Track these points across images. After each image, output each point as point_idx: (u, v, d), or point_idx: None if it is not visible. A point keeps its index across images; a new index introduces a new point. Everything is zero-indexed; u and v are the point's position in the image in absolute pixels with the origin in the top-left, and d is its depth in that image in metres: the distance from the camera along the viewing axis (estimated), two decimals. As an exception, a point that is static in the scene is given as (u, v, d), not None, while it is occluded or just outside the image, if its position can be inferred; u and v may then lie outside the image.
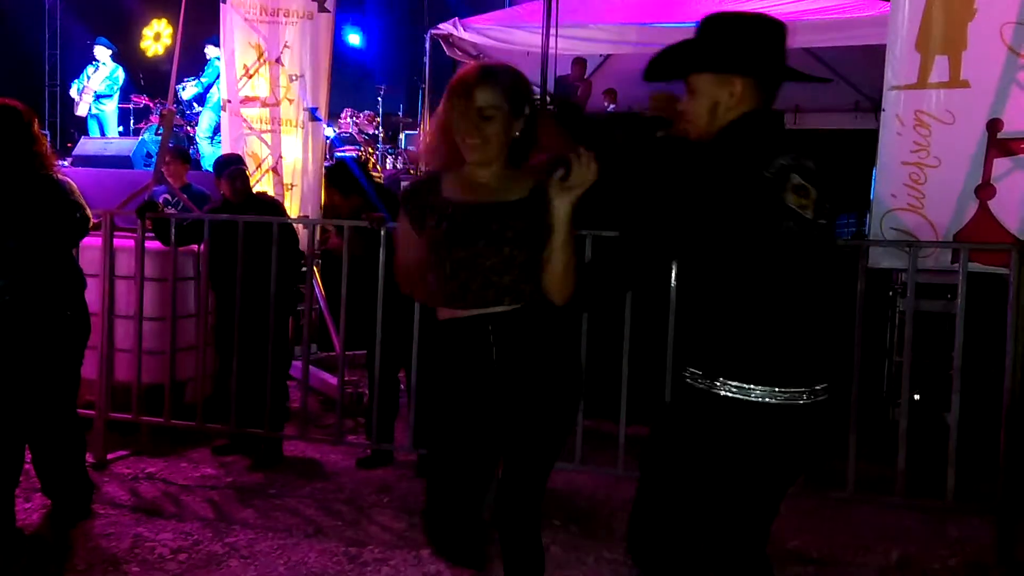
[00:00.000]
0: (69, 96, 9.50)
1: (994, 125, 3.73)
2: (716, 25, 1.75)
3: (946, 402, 3.22)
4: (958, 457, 3.11)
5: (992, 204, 3.73)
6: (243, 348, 3.86)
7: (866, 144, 4.02)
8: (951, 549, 3.17)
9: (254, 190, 4.44)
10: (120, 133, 9.20)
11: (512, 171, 1.92)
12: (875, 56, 4.21)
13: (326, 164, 5.63)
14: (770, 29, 1.74)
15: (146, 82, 10.34)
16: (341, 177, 4.13)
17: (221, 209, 4.10)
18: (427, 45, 7.43)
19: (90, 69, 9.08)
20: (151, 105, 9.24)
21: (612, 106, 8.40)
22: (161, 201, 5.12)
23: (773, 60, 1.74)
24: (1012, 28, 3.69)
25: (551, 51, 6.23)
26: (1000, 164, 3.73)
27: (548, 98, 6.45)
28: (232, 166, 4.16)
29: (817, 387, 1.69)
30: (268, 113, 5.61)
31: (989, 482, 3.14)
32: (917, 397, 3.70)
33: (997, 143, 3.73)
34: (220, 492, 3.61)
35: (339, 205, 4.02)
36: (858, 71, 6.94)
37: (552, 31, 6.20)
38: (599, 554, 3.06)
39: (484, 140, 1.85)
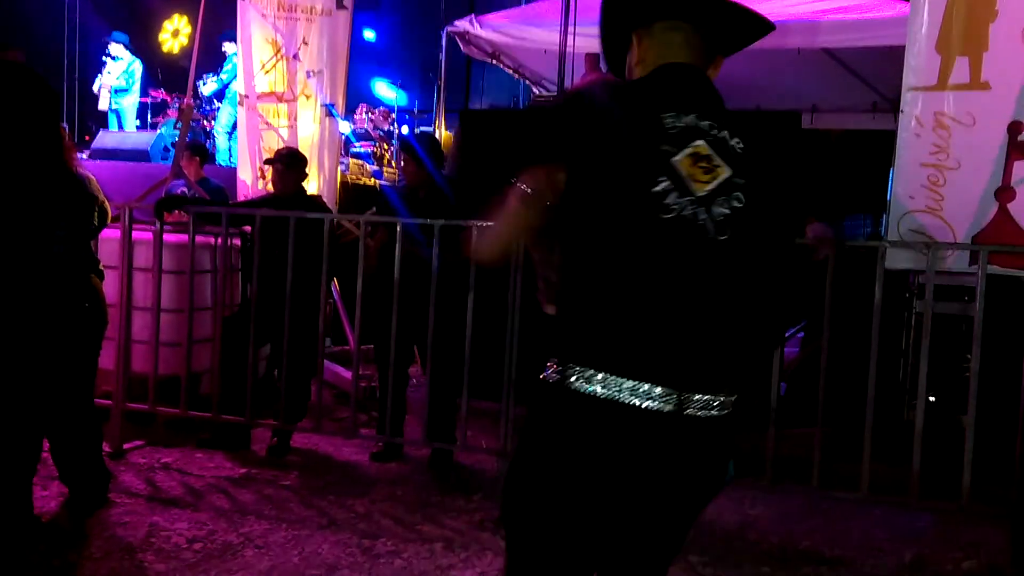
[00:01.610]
0: (88, 90, 9.58)
1: (1015, 128, 3.69)
2: None
3: (962, 404, 3.21)
4: (974, 460, 3.09)
5: (1012, 207, 3.70)
6: (274, 341, 3.90)
7: (884, 145, 4.00)
8: (965, 552, 3.15)
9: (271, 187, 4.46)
10: (138, 127, 9.27)
11: None
12: (894, 57, 4.18)
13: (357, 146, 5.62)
14: None
15: (164, 77, 10.40)
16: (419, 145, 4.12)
17: (268, 203, 4.14)
18: (443, 42, 7.43)
19: (109, 64, 9.16)
20: (168, 100, 9.31)
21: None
22: (179, 194, 5.16)
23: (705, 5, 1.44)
24: (1034, 29, 3.66)
25: (568, 49, 6.22)
26: (1021, 167, 3.70)
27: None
28: (281, 160, 4.19)
29: (696, 396, 1.34)
30: (285, 109, 5.65)
31: (1003, 485, 3.12)
32: (932, 399, 3.69)
33: (1018, 146, 3.70)
34: (235, 483, 3.64)
35: (414, 173, 4.03)
36: (876, 72, 6.89)
37: (570, 29, 6.20)
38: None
39: None
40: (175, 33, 11.74)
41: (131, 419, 4.03)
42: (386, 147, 8.38)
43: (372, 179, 7.63)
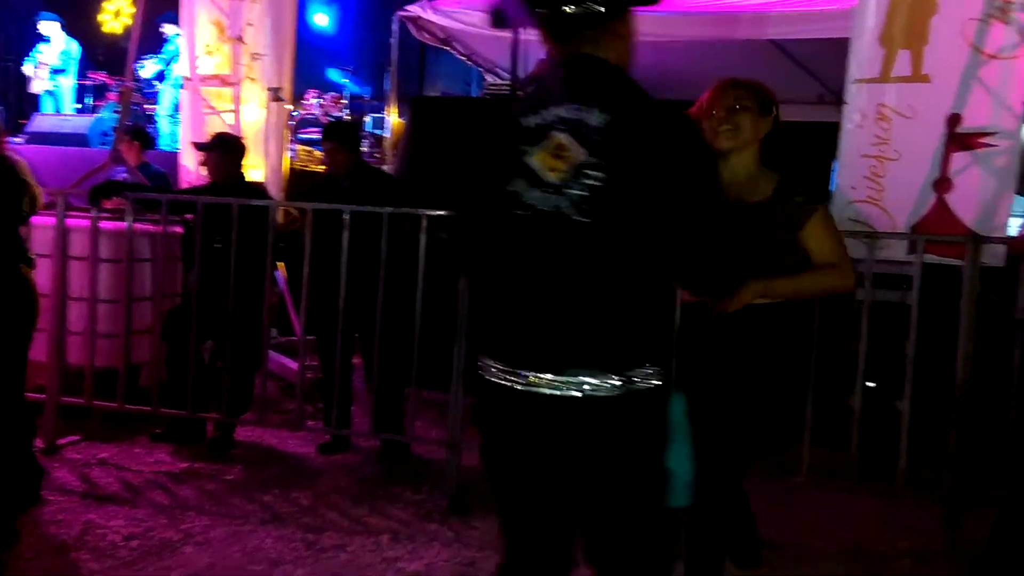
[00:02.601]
0: (21, 72, 9.21)
1: (954, 120, 3.78)
2: None
3: (899, 390, 3.29)
4: (910, 444, 3.17)
5: (949, 198, 3.79)
6: (217, 333, 3.81)
7: (829, 136, 4.06)
8: (901, 533, 3.24)
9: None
10: (76, 110, 8.96)
11: (761, 171, 2.12)
12: (840, 49, 4.24)
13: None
14: None
15: (104, 59, 10.06)
16: (347, 134, 4.07)
17: (208, 191, 4.02)
18: (395, 27, 7.32)
19: (42, 45, 8.82)
20: (109, 82, 9.00)
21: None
22: (119, 180, 4.99)
23: None
24: (975, 25, 3.75)
25: (522, 36, 6.18)
26: (958, 159, 3.80)
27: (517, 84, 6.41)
28: (217, 146, 4.06)
29: (535, 374, 1.43)
30: (230, 92, 5.49)
31: (938, 469, 3.22)
32: (872, 385, 3.77)
33: (956, 138, 3.79)
34: (175, 478, 3.54)
35: (342, 162, 3.98)
36: (823, 64, 6.99)
37: (521, 16, 6.15)
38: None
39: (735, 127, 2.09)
40: (116, 14, 11.36)
41: (66, 413, 3.90)
42: (336, 133, 8.23)
43: (322, 166, 7.49)
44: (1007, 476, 2.94)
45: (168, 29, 8.01)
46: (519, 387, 1.44)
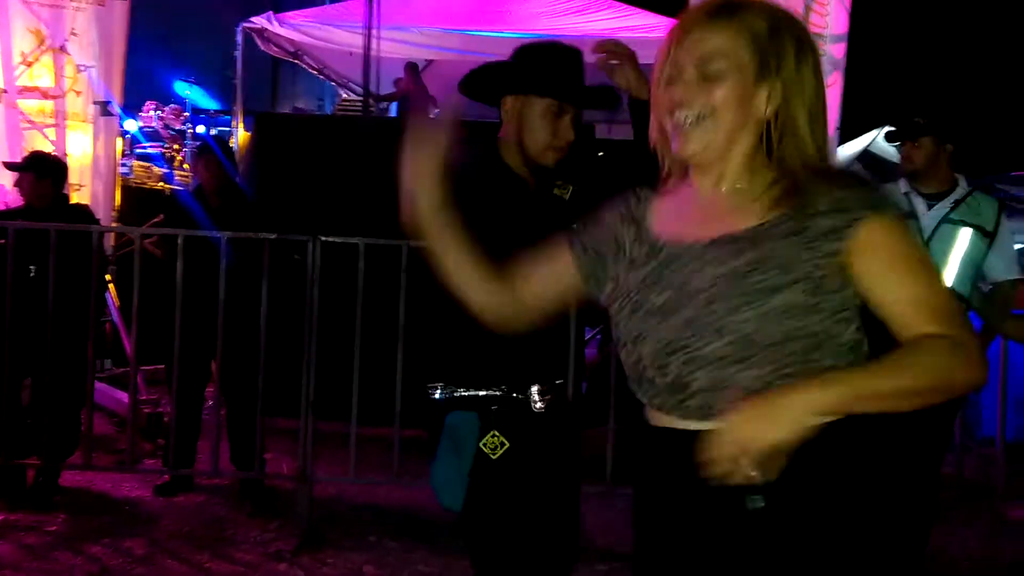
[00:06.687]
0: None
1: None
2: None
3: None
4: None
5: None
6: (35, 369, 3.48)
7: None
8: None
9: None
10: None
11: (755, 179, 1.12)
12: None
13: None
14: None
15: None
16: (218, 150, 3.89)
17: (23, 214, 3.65)
18: (238, 38, 7.04)
19: None
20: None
21: (435, 112, 8.39)
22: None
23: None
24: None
25: (374, 53, 6.11)
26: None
27: (371, 99, 6.34)
28: (32, 167, 3.71)
29: None
30: (52, 106, 5.08)
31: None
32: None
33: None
34: (-13, 534, 3.19)
35: (209, 180, 3.80)
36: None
37: (374, 32, 6.09)
38: (414, 568, 3.01)
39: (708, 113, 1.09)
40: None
41: None
42: (177, 148, 7.79)
43: (162, 183, 7.06)
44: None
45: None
46: None
